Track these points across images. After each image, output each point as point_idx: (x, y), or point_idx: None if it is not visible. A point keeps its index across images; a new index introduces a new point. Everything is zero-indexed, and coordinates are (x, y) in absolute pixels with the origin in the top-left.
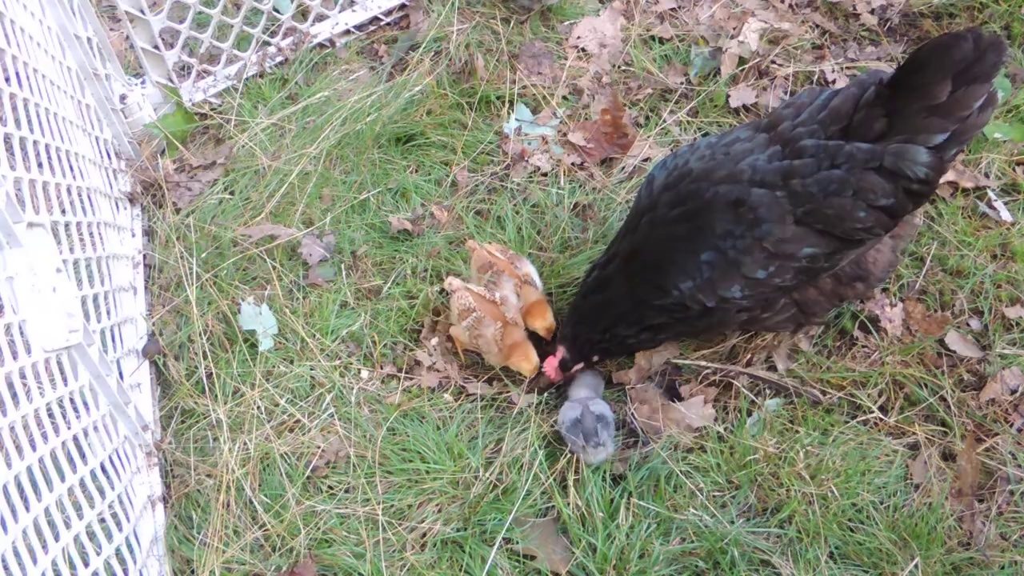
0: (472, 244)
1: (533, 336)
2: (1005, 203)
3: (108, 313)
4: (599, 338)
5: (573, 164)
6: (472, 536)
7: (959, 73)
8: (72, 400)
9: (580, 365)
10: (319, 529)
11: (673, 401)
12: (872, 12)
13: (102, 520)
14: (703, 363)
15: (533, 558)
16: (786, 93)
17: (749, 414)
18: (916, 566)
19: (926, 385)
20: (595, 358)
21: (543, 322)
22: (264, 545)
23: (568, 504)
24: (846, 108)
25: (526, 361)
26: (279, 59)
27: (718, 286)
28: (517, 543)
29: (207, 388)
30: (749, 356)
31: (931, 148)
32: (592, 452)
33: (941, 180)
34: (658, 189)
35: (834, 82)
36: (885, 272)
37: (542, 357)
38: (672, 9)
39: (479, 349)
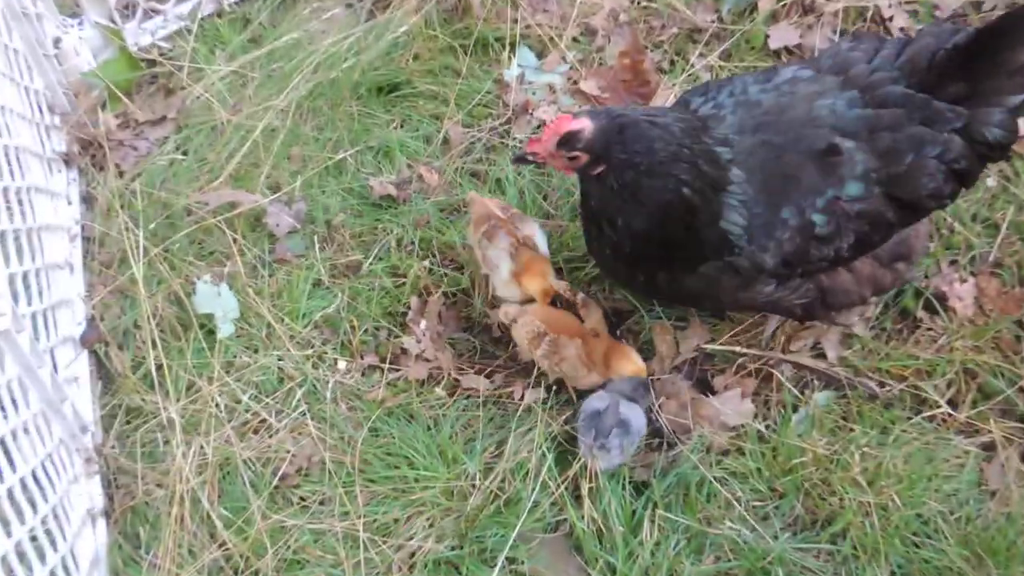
0: (473, 195)
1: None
2: None
3: (40, 294)
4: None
5: None
6: (470, 555)
7: None
8: None
9: (598, 168)
10: (289, 548)
11: (705, 395)
12: None
13: (33, 538)
14: (739, 349)
15: None
16: (835, 32)
17: (795, 410)
18: None
19: (1003, 374)
20: (619, 162)
21: (539, 283)
22: (224, 567)
23: (582, 517)
24: (924, 59)
25: (630, 363)
26: None
27: (785, 247)
28: (523, 563)
29: (157, 382)
30: (793, 341)
31: (1008, 110)
32: (598, 454)
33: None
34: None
35: (891, 19)
36: (926, 247)
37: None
38: None
39: (565, 375)
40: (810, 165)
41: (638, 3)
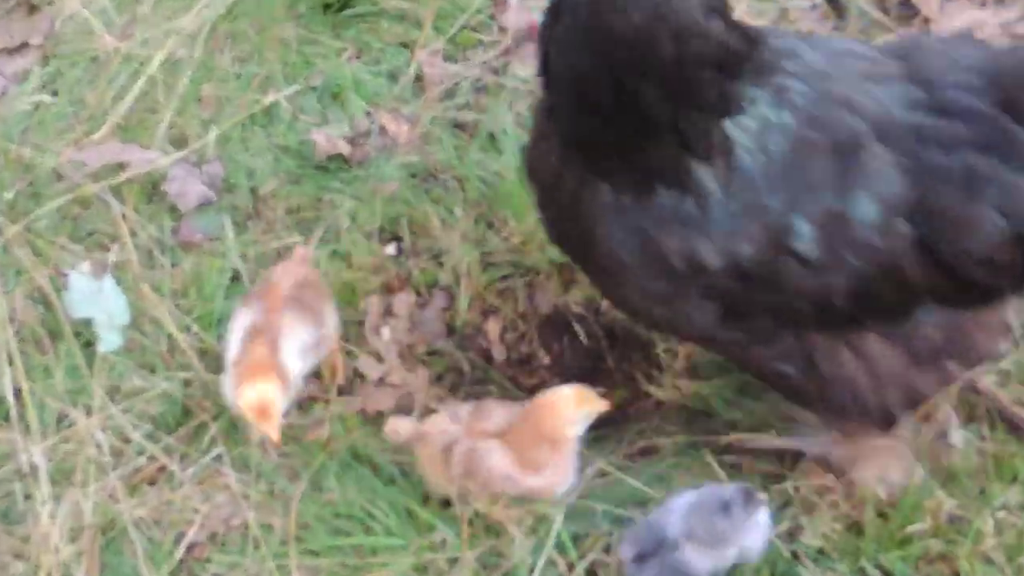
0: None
1: None
2: None
3: None
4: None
5: None
6: None
7: None
8: None
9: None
10: None
11: None
12: None
13: None
14: None
15: None
16: None
17: None
18: None
19: None
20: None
21: (259, 388)
22: None
23: None
24: (1022, 71)
25: (565, 417)
26: None
27: (742, 247)
28: None
29: (15, 413)
30: None
31: None
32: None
33: None
34: None
35: None
36: (996, 349)
37: None
38: None
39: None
40: (822, 156)
41: None
